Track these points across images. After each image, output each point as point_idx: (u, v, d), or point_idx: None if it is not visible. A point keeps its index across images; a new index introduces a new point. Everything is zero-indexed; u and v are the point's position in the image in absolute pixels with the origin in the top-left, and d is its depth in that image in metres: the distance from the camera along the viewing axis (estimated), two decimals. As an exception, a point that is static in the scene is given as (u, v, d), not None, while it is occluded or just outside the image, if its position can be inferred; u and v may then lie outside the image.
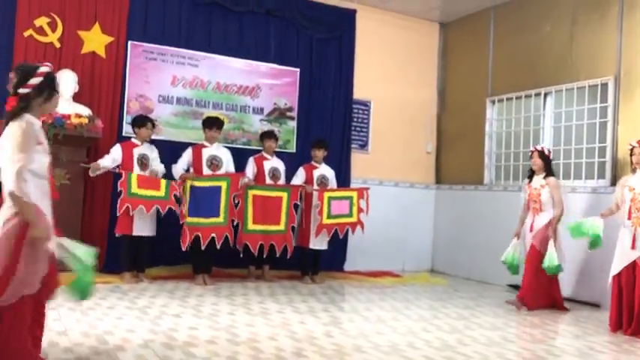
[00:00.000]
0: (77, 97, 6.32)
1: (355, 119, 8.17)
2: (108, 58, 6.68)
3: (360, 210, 6.86)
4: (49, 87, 3.12)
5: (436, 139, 8.78)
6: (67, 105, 6.15)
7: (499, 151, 7.83)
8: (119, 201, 5.97)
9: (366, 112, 8.26)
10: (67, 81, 6.21)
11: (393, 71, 8.43)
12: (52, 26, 6.43)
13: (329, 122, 7.86)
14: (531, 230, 5.90)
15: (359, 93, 8.16)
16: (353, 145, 8.13)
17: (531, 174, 6.09)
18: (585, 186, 6.55)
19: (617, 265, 4.93)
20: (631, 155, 5.08)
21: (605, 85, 6.45)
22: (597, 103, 6.54)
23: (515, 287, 6.87)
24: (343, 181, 7.65)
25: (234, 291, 5.87)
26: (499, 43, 7.88)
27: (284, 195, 6.62)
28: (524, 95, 7.44)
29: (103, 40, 6.65)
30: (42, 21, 6.37)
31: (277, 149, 7.10)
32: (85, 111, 6.23)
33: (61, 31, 6.47)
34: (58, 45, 6.45)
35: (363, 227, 6.88)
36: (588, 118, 6.65)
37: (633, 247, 4.80)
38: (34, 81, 3.05)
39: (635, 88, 6.16)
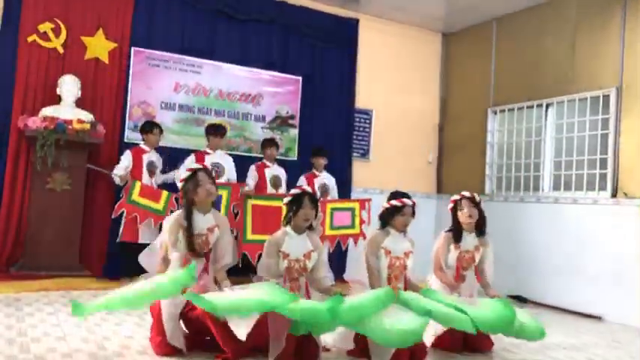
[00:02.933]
0: (80, 103, 6.33)
1: (357, 128, 8.19)
2: (111, 64, 6.69)
3: (362, 221, 6.81)
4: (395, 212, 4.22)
5: (437, 149, 8.79)
6: (69, 110, 6.17)
7: (500, 162, 7.83)
8: (117, 204, 5.98)
9: (367, 121, 8.28)
10: (70, 86, 6.24)
11: (395, 81, 8.45)
12: (56, 32, 6.45)
13: (330, 130, 7.87)
14: None
15: (361, 102, 8.18)
16: (354, 154, 8.14)
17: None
18: (586, 197, 6.55)
19: None
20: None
21: (606, 97, 6.46)
22: (599, 114, 6.55)
23: (517, 298, 6.86)
24: (344, 189, 7.64)
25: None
26: (501, 54, 7.91)
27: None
28: (525, 106, 7.46)
29: (106, 46, 6.67)
30: (46, 26, 6.40)
31: (279, 157, 7.10)
32: (88, 116, 6.24)
33: (65, 37, 6.49)
34: (61, 50, 6.47)
35: (365, 239, 6.83)
36: (590, 129, 6.66)
37: None
38: (389, 202, 4.29)
39: (636, 99, 6.17)
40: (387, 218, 4.24)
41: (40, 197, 6.07)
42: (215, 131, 6.51)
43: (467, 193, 4.75)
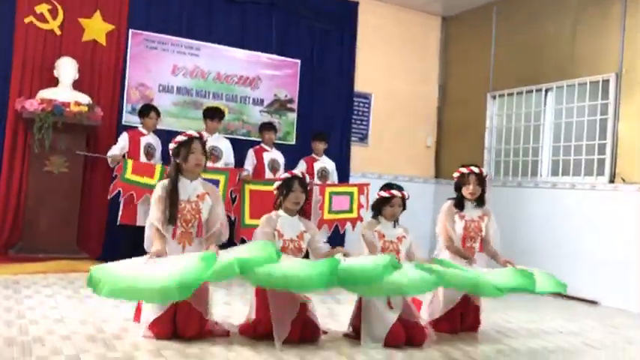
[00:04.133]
0: (77, 85, 6.30)
1: (355, 112, 8.16)
2: (108, 47, 6.66)
3: (360, 206, 6.81)
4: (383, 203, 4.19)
5: (436, 133, 8.78)
6: (66, 93, 6.14)
7: (499, 147, 7.82)
8: (112, 184, 5.92)
9: (366, 105, 8.25)
10: (67, 68, 6.20)
11: (394, 64, 8.42)
12: (53, 13, 6.40)
13: (329, 114, 7.85)
14: None
15: (360, 86, 8.15)
16: (353, 138, 8.13)
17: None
18: (584, 182, 6.55)
19: None
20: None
21: (606, 82, 6.44)
22: (598, 99, 6.53)
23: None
24: (343, 174, 7.63)
25: (230, 282, 5.85)
26: (501, 38, 7.86)
27: None
28: (525, 91, 7.43)
29: (104, 28, 6.62)
30: (43, 8, 6.34)
31: (277, 141, 7.08)
32: (85, 99, 6.21)
33: (62, 19, 6.44)
34: (58, 32, 6.42)
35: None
36: (589, 114, 6.65)
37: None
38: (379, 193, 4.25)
39: (636, 85, 6.15)
40: (378, 208, 4.27)
41: (38, 180, 6.06)
42: (213, 115, 6.48)
43: (475, 169, 4.60)
